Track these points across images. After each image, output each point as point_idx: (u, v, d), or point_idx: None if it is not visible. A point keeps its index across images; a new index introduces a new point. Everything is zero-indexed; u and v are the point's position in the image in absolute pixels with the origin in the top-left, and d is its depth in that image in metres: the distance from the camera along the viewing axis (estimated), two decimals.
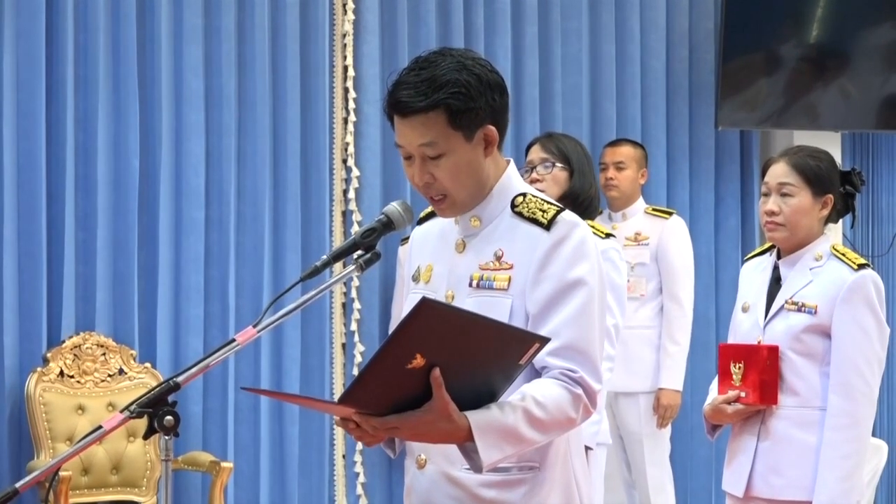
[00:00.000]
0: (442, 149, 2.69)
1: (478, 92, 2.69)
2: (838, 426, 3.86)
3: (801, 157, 4.00)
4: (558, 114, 6.94)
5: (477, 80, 2.70)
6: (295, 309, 2.66)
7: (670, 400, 6.21)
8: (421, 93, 2.67)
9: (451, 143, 2.69)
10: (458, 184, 2.73)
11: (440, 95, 2.66)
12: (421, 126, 2.68)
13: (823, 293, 3.92)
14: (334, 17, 6.56)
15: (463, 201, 2.77)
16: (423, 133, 2.68)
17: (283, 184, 6.41)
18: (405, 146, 2.73)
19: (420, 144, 2.70)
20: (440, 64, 2.69)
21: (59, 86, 6.01)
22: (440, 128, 2.68)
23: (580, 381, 2.65)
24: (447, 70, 2.68)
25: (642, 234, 6.35)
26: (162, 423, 2.51)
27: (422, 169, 2.72)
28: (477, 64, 2.72)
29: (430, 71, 2.69)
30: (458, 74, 2.68)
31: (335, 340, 6.53)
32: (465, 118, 2.69)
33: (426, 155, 2.70)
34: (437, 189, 2.74)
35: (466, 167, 2.72)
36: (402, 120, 2.71)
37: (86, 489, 5.83)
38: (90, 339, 5.98)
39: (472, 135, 2.71)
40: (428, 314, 2.39)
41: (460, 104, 2.67)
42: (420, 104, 2.67)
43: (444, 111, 2.67)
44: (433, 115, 2.67)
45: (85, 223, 6.07)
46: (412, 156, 2.73)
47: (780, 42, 7.15)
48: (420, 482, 2.81)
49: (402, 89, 2.69)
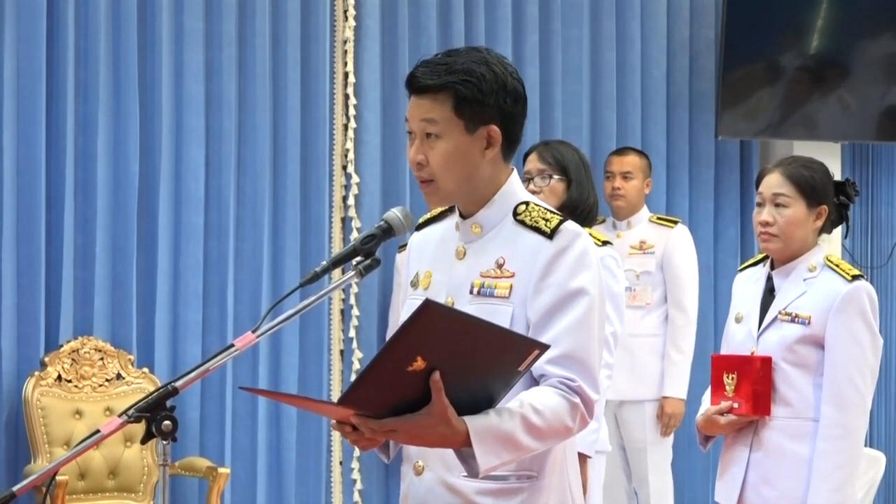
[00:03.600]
0: (440, 129, 2.72)
1: (490, 88, 2.72)
2: (831, 437, 3.86)
3: (795, 168, 3.99)
4: (558, 122, 6.95)
5: (493, 76, 2.73)
6: (293, 315, 2.66)
7: (674, 408, 6.21)
8: (435, 73, 2.72)
9: (451, 128, 2.72)
10: (447, 170, 2.74)
11: (451, 78, 2.70)
12: (427, 104, 2.73)
13: (817, 304, 3.92)
14: (335, 23, 6.57)
15: (448, 191, 2.77)
16: (428, 110, 2.73)
17: (282, 190, 6.41)
18: (409, 121, 2.77)
19: (421, 119, 2.73)
20: (464, 55, 2.75)
21: (59, 90, 6.01)
22: (444, 111, 2.71)
23: (578, 390, 2.65)
24: (468, 61, 2.73)
25: (647, 243, 6.35)
26: (159, 428, 2.50)
27: (418, 147, 2.75)
28: (500, 64, 2.76)
29: (452, 58, 2.74)
30: (475, 66, 2.72)
31: (333, 347, 6.53)
32: (471, 109, 2.71)
33: (425, 132, 2.74)
34: (427, 172, 2.75)
35: (459, 156, 2.73)
36: (413, 97, 2.76)
37: (83, 494, 5.83)
38: (88, 344, 5.98)
39: (474, 128, 2.73)
40: (431, 316, 2.39)
41: (468, 93, 2.70)
42: (430, 82, 2.71)
43: (451, 95, 2.71)
44: (441, 96, 2.71)
45: (84, 227, 6.07)
46: (414, 133, 2.76)
47: (780, 52, 7.16)
48: (417, 489, 2.81)
49: (421, 67, 2.75)
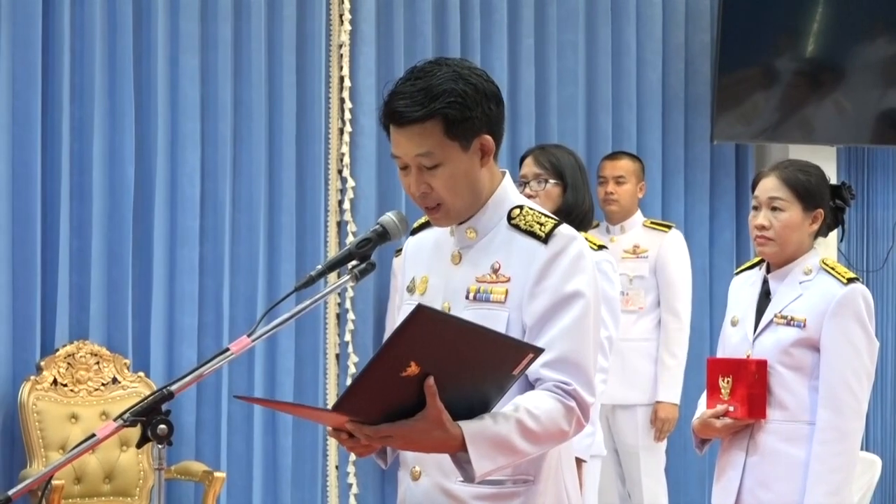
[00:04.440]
0: (438, 159, 2.68)
1: (474, 101, 2.68)
2: (827, 440, 3.86)
3: (791, 172, 3.99)
4: (554, 126, 6.94)
5: (473, 89, 2.68)
6: (289, 319, 2.64)
7: (668, 413, 6.21)
8: (417, 102, 2.65)
9: (448, 153, 2.68)
10: (455, 193, 2.72)
11: (436, 105, 2.64)
12: (417, 136, 2.67)
13: (813, 307, 3.92)
14: (331, 27, 6.56)
15: (458, 211, 2.76)
16: (420, 143, 2.67)
17: (278, 194, 6.41)
18: (401, 156, 2.71)
19: (417, 154, 2.68)
20: (436, 73, 2.68)
21: (54, 94, 6.01)
22: (437, 138, 2.66)
23: (573, 393, 2.65)
24: (443, 80, 2.66)
25: (641, 247, 6.34)
26: (155, 432, 2.50)
27: (418, 179, 2.71)
28: (473, 73, 2.71)
29: (426, 80, 2.67)
30: (454, 84, 2.66)
31: (329, 351, 6.52)
32: (462, 128, 2.67)
33: (423, 165, 2.69)
34: (433, 199, 2.72)
35: (463, 177, 2.71)
36: (398, 130, 2.69)
37: (78, 498, 5.82)
38: (84, 348, 5.97)
39: (468, 144, 2.70)
40: (423, 321, 2.39)
41: (457, 114, 2.66)
42: (416, 114, 2.65)
43: (440, 121, 2.65)
44: (429, 124, 2.66)
45: (79, 231, 6.06)
46: (408, 166, 2.72)
47: (776, 56, 7.16)
48: (414, 494, 2.80)
49: (399, 99, 2.67)
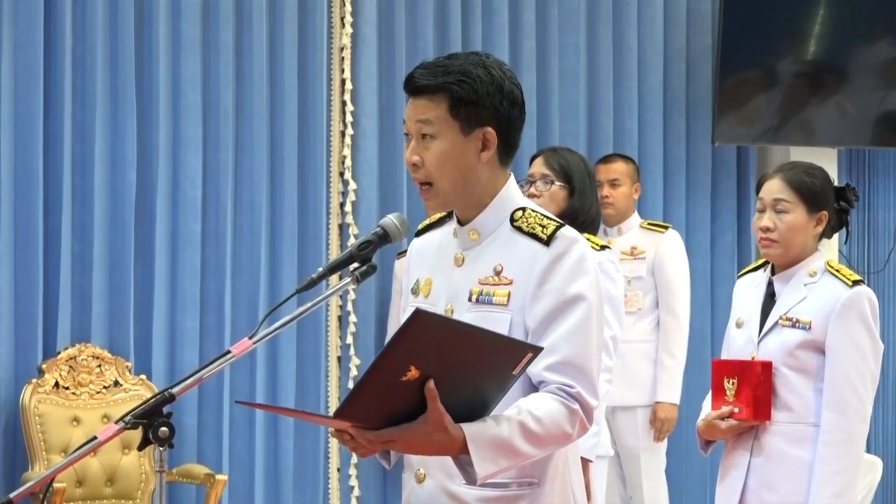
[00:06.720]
0: (435, 130, 2.73)
1: (486, 90, 2.73)
2: (832, 442, 3.86)
3: (795, 173, 4.00)
4: (555, 128, 6.94)
5: (490, 78, 2.74)
6: (291, 321, 2.65)
7: (667, 413, 6.21)
8: (432, 73, 2.74)
9: (446, 129, 2.73)
10: (442, 172, 2.74)
11: (448, 79, 2.72)
12: (423, 105, 2.74)
13: (818, 309, 3.92)
14: (332, 30, 6.56)
15: (446, 192, 2.77)
16: (423, 111, 2.74)
17: (279, 196, 6.41)
18: (406, 122, 2.79)
19: (417, 120, 2.75)
20: (462, 57, 2.77)
21: (56, 97, 6.01)
22: (440, 111, 2.72)
23: (577, 396, 2.65)
24: (465, 63, 2.74)
25: (638, 249, 6.34)
26: (157, 435, 2.50)
27: (414, 148, 2.77)
28: (498, 68, 2.77)
29: (450, 60, 2.76)
30: (473, 68, 2.73)
31: (330, 353, 6.52)
32: (466, 110, 2.72)
33: (421, 133, 2.74)
34: (423, 173, 2.76)
35: (455, 158, 2.74)
36: (411, 98, 2.77)
37: (80, 501, 5.82)
38: (86, 351, 5.97)
39: (469, 129, 2.73)
40: (421, 325, 2.39)
41: (464, 94, 2.71)
42: (427, 82, 2.73)
43: (447, 97, 2.72)
44: (437, 97, 2.73)
45: (81, 235, 6.06)
46: (411, 134, 2.78)
47: (777, 58, 7.16)
48: (418, 496, 2.80)
49: (419, 69, 2.77)
